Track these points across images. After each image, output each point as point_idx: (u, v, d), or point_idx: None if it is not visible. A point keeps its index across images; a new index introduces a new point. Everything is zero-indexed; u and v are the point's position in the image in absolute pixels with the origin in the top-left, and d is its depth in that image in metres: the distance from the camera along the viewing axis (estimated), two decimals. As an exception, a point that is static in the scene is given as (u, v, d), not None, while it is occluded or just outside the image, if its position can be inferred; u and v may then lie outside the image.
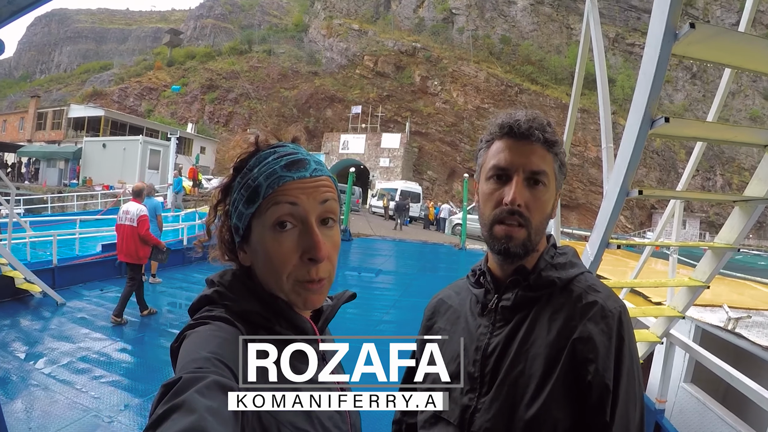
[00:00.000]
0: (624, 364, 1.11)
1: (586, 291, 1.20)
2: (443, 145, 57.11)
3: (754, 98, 59.25)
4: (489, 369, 1.23)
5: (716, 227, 46.66)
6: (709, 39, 2.12)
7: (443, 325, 1.43)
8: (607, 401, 1.07)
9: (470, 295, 1.39)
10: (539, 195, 1.23)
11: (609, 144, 3.18)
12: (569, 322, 1.16)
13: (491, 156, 1.28)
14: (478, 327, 1.30)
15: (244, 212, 1.00)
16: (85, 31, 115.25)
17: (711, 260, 3.11)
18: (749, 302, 5.83)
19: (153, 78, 70.87)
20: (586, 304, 1.17)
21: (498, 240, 1.23)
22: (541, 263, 1.27)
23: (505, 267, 1.30)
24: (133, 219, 8.22)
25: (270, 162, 1.02)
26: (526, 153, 1.23)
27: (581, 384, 1.10)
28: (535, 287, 1.24)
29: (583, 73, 4.34)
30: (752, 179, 2.70)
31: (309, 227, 0.98)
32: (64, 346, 6.67)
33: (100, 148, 37.21)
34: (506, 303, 1.26)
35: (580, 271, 1.27)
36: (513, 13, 67.60)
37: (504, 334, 1.24)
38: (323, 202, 1.01)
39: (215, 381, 0.74)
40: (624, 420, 1.08)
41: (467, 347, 1.29)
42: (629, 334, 1.15)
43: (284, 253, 0.97)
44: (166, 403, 0.68)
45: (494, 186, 1.26)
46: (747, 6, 3.42)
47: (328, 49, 70.79)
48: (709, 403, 4.03)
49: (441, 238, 26.17)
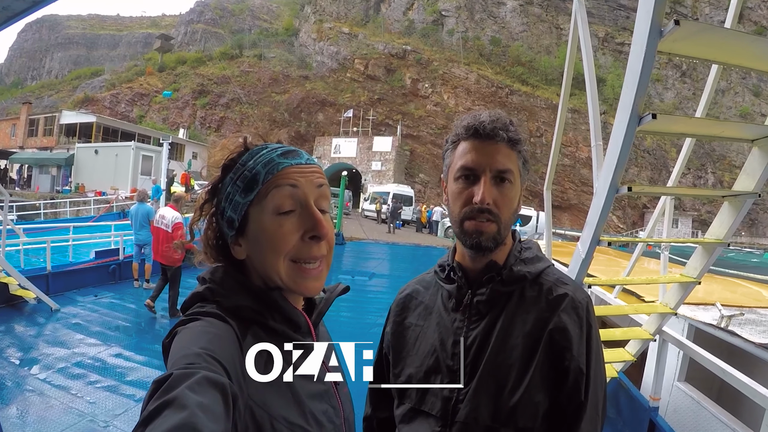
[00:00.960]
0: (593, 349, 1.23)
1: (555, 284, 1.31)
2: (435, 148, 57.10)
3: (744, 95, 59.59)
4: (469, 361, 1.29)
5: (708, 225, 46.48)
6: (694, 35, 2.13)
7: (415, 320, 1.48)
8: (581, 383, 1.19)
9: (441, 290, 1.45)
10: (506, 192, 1.29)
11: (598, 142, 3.19)
12: (543, 313, 1.26)
13: (458, 157, 1.33)
14: (454, 321, 1.36)
15: (240, 202, 1.02)
16: (76, 37, 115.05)
17: (702, 256, 3.13)
18: (742, 300, 5.86)
19: (144, 83, 70.67)
20: (557, 297, 1.27)
21: (469, 235, 1.29)
22: (511, 258, 1.36)
23: (476, 261, 1.36)
24: (168, 225, 8.74)
25: (265, 153, 1.06)
26: (492, 153, 1.28)
27: (558, 369, 1.21)
28: (508, 282, 1.32)
29: (572, 72, 4.34)
30: (740, 174, 2.72)
31: (309, 207, 1.02)
32: (59, 352, 6.66)
33: (92, 154, 37.29)
34: (481, 298, 1.33)
35: (546, 265, 1.37)
36: (502, 14, 67.76)
37: (481, 328, 1.31)
38: (319, 186, 1.06)
39: (206, 377, 0.74)
40: (594, 398, 1.20)
41: (444, 341, 1.35)
42: (594, 321, 1.27)
43: (285, 234, 0.99)
44: (157, 399, 0.68)
45: (463, 185, 1.31)
46: (732, 2, 3.44)
47: (318, 53, 70.79)
48: (703, 401, 4.05)
49: (434, 241, 26.28)
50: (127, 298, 10.26)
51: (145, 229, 10.87)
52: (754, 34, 2.21)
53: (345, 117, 54.35)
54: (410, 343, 1.45)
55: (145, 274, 11.20)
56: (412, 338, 1.45)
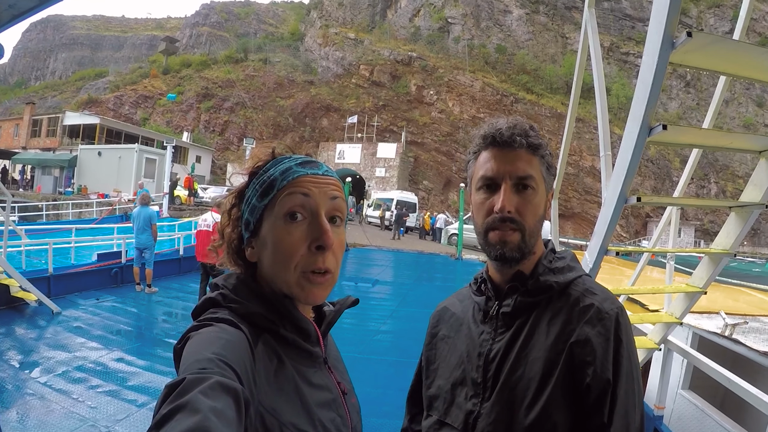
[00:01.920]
0: (622, 366, 1.11)
1: (583, 294, 1.22)
2: (439, 155, 57.20)
3: (747, 106, 59.68)
4: (491, 374, 1.24)
5: (711, 235, 46.79)
6: (705, 47, 2.15)
7: (447, 332, 1.46)
8: (604, 403, 1.08)
9: (473, 302, 1.41)
10: (529, 198, 1.25)
11: (607, 152, 3.20)
12: (567, 325, 1.17)
13: (479, 167, 1.30)
14: (481, 333, 1.32)
15: (257, 205, 1.04)
16: (81, 37, 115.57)
17: (708, 266, 3.13)
18: (745, 308, 5.87)
19: (148, 86, 70.79)
20: (583, 307, 1.18)
21: (493, 246, 1.25)
22: (539, 268, 1.29)
23: (503, 272, 1.32)
24: (210, 225, 9.23)
25: (285, 162, 1.08)
26: (512, 160, 1.25)
27: (579, 387, 1.11)
28: (534, 292, 1.26)
29: (581, 83, 4.37)
30: (747, 185, 2.73)
31: (318, 217, 1.02)
32: (60, 355, 6.61)
33: (95, 156, 37.22)
34: (506, 309, 1.28)
35: (578, 275, 1.29)
36: (508, 22, 67.97)
37: (505, 340, 1.25)
38: (333, 198, 1.06)
39: (219, 382, 0.74)
40: (623, 421, 1.08)
41: (470, 353, 1.32)
42: (627, 335, 1.16)
43: (293, 242, 1.00)
44: (170, 403, 0.69)
45: (484, 195, 1.28)
46: (741, 15, 3.46)
47: (324, 58, 71.04)
48: (707, 409, 4.05)
49: (437, 248, 26.14)
50: (129, 301, 10.20)
51: (147, 232, 10.87)
52: (764, 47, 2.23)
53: (349, 123, 54.38)
54: (442, 355, 1.43)
55: (146, 279, 11.13)
56: (443, 350, 1.44)
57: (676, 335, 4.08)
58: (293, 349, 1.03)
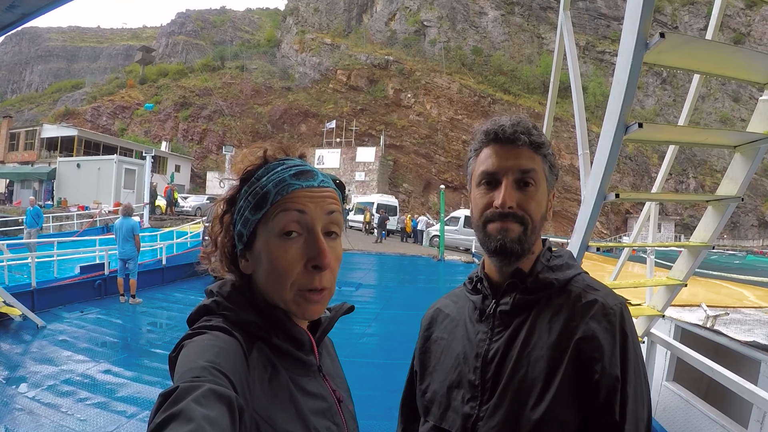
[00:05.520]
0: (630, 361, 1.10)
1: (584, 290, 1.20)
2: (418, 158, 57.32)
3: (723, 101, 60.65)
4: (490, 376, 1.21)
5: (691, 229, 46.87)
6: (678, 47, 2.21)
7: (441, 333, 1.41)
8: (615, 400, 1.07)
9: (468, 302, 1.38)
10: (531, 194, 1.22)
11: (585, 150, 3.25)
12: (570, 322, 1.15)
13: (480, 163, 1.27)
14: (477, 333, 1.29)
15: (250, 218, 1.00)
16: (56, 49, 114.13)
17: (687, 259, 3.20)
18: (726, 300, 5.98)
19: (126, 96, 70.25)
20: (586, 303, 1.16)
21: (493, 237, 1.22)
22: (538, 266, 1.26)
23: (502, 270, 1.28)
24: None
25: (279, 171, 1.03)
26: (514, 156, 1.22)
27: (588, 383, 1.09)
28: (533, 290, 1.23)
29: (558, 84, 4.44)
30: (724, 179, 2.80)
31: (315, 235, 0.99)
32: (47, 369, 6.55)
33: (74, 168, 36.72)
34: (504, 307, 1.25)
35: (577, 272, 1.27)
36: (484, 24, 68.35)
37: (504, 339, 1.23)
38: (329, 213, 1.02)
39: (212, 389, 0.73)
40: (633, 417, 1.07)
41: (467, 355, 1.28)
42: (632, 330, 1.15)
43: (289, 260, 0.97)
44: (164, 412, 0.68)
45: (484, 191, 1.25)
46: (714, 13, 3.54)
47: (300, 64, 70.96)
48: (692, 400, 4.11)
49: (419, 251, 26.12)
50: (114, 313, 10.11)
51: (129, 243, 10.76)
52: (736, 46, 2.29)
53: (328, 128, 54.46)
54: (436, 357, 1.39)
55: (130, 290, 11.04)
56: (437, 352, 1.39)
57: (658, 328, 4.13)
58: (287, 358, 1.01)
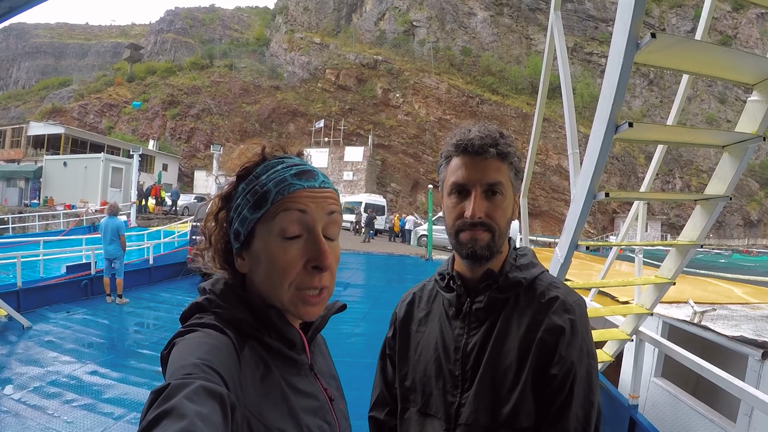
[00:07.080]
0: (584, 350, 1.26)
1: (547, 288, 1.35)
2: (406, 157, 57.37)
3: (710, 102, 61.16)
4: (469, 367, 1.35)
5: (677, 228, 47.69)
6: (669, 48, 2.25)
7: (416, 327, 1.54)
8: (567, 379, 1.22)
9: (441, 298, 1.50)
10: (498, 203, 1.34)
11: (575, 150, 3.28)
12: (537, 316, 1.30)
13: (451, 172, 1.38)
14: (455, 329, 1.41)
15: (248, 217, 1.00)
16: (44, 46, 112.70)
17: (675, 257, 3.24)
18: (713, 297, 6.05)
19: (113, 94, 69.43)
20: (549, 299, 1.31)
21: (465, 245, 1.34)
22: (507, 266, 1.40)
23: (474, 270, 1.41)
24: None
25: (279, 170, 1.03)
26: (482, 168, 1.33)
27: (548, 370, 1.24)
28: (504, 289, 1.37)
29: (548, 84, 4.47)
30: (712, 179, 2.85)
31: (315, 236, 0.99)
32: (33, 371, 6.49)
33: (61, 166, 36.40)
34: (479, 305, 1.38)
35: (540, 271, 1.41)
36: (473, 24, 68.46)
37: (480, 334, 1.36)
38: (330, 214, 1.03)
39: (203, 386, 0.74)
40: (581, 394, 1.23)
41: (447, 348, 1.41)
42: (585, 322, 1.30)
43: (289, 261, 0.97)
44: (156, 409, 0.69)
45: (456, 200, 1.36)
46: (703, 15, 3.58)
47: (289, 63, 70.71)
48: (680, 396, 4.17)
49: (407, 250, 26.14)
50: (100, 313, 10.06)
51: (116, 243, 10.71)
52: (725, 47, 2.33)
53: (316, 127, 54.41)
54: (413, 348, 1.51)
55: (117, 289, 10.98)
56: (414, 344, 1.52)
57: (647, 325, 4.17)
58: (278, 357, 1.02)
